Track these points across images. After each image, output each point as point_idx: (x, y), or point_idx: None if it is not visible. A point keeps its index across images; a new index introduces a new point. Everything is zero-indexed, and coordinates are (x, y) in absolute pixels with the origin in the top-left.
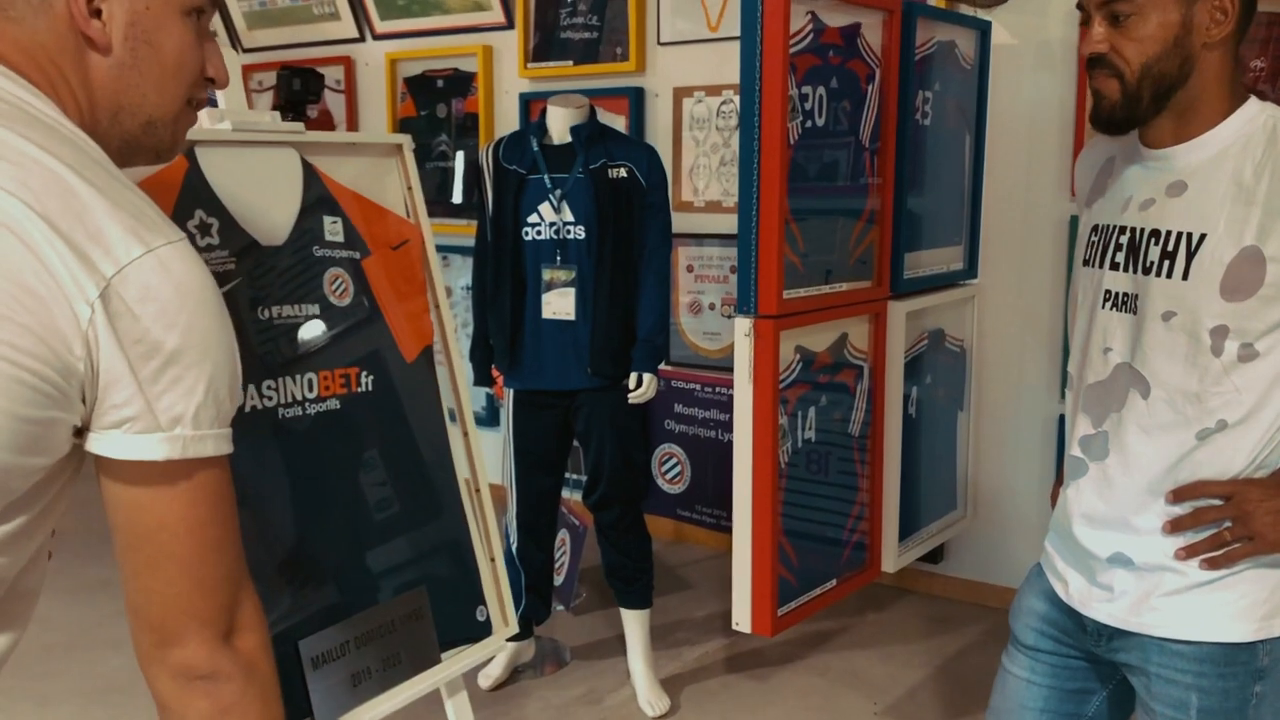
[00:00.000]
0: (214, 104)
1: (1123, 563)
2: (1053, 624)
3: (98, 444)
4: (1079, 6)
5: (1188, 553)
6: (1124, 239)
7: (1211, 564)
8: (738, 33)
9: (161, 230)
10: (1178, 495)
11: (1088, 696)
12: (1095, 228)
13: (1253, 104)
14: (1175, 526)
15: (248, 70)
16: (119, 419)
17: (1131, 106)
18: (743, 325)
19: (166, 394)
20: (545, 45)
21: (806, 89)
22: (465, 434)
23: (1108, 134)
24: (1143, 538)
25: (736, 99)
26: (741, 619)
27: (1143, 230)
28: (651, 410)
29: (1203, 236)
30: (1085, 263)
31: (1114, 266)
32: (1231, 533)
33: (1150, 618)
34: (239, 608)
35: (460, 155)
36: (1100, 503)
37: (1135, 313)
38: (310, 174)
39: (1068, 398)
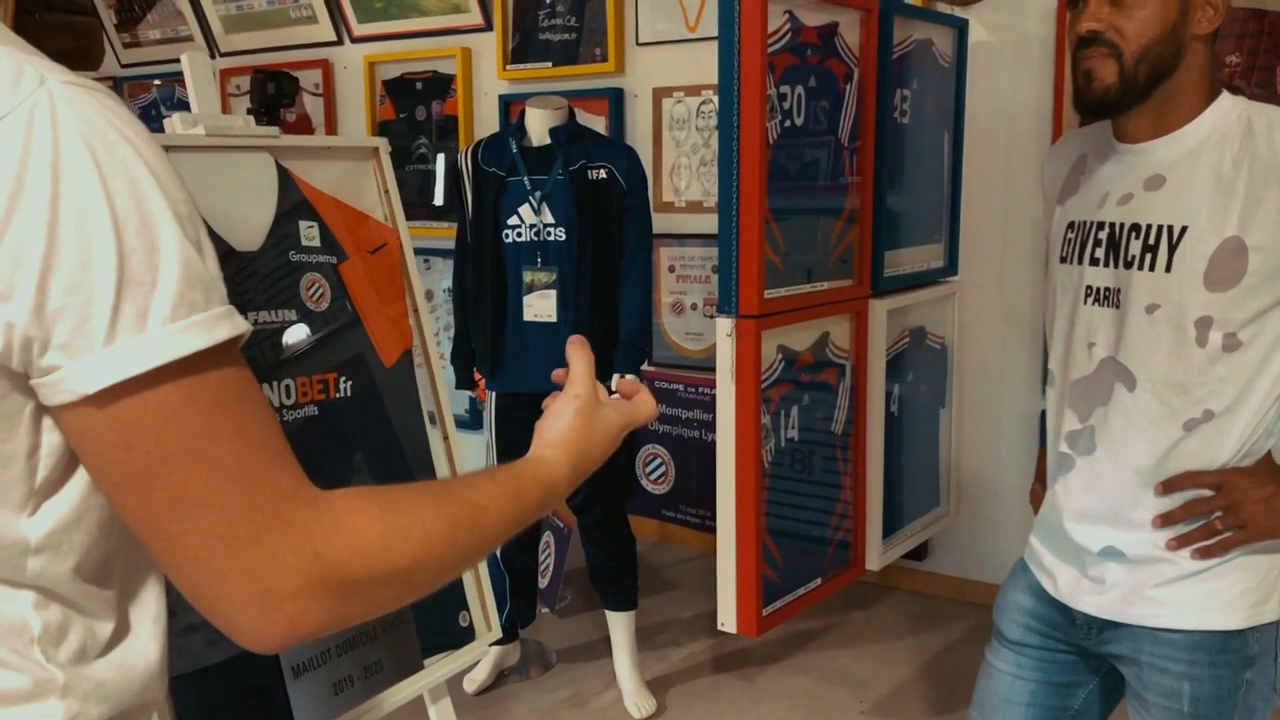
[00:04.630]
0: (187, 108)
1: (1114, 556)
2: (1040, 618)
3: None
4: None
5: (1179, 543)
6: (1103, 234)
7: (1203, 553)
8: (716, 33)
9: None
10: (1167, 487)
11: (1074, 690)
12: (1071, 224)
13: (1226, 98)
14: (1166, 519)
15: (226, 75)
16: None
17: (1126, 89)
18: (724, 325)
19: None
20: (524, 47)
21: (785, 88)
22: (445, 437)
23: (1097, 117)
24: (1134, 530)
25: (716, 99)
26: (727, 619)
27: (1122, 225)
28: None
29: (1184, 229)
30: (1063, 260)
31: (1094, 262)
32: (1222, 522)
33: (1143, 609)
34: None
35: (441, 158)
36: (1090, 497)
37: (1118, 307)
38: (285, 178)
39: (1049, 395)
